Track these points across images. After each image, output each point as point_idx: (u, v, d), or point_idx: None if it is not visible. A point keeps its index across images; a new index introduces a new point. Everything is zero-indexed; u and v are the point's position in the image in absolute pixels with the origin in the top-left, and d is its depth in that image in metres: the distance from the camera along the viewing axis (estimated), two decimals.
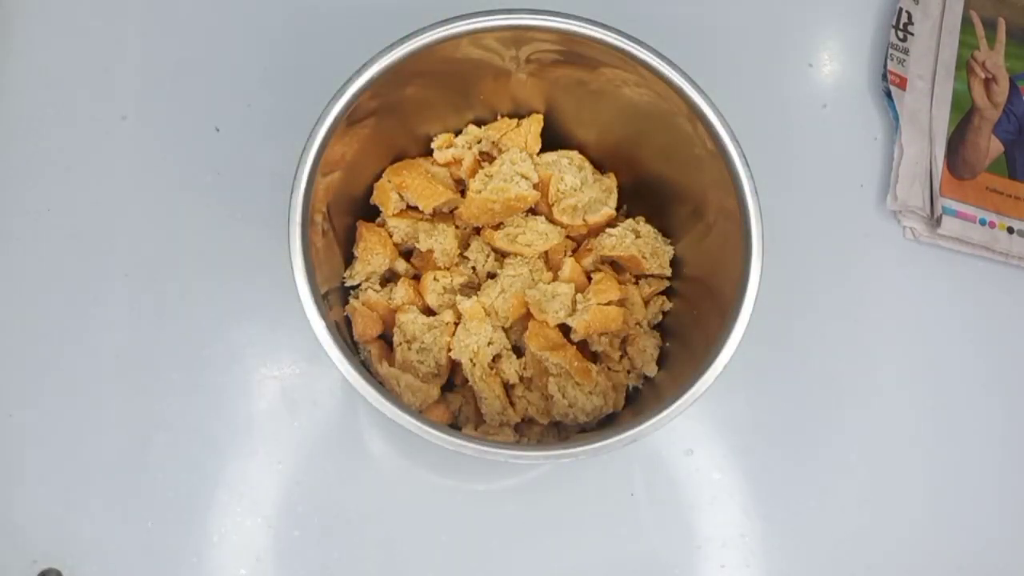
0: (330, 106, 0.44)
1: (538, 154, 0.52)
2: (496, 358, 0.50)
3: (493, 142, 0.52)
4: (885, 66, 0.63)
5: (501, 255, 0.52)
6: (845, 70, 0.64)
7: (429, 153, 0.52)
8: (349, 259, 0.51)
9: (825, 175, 0.62)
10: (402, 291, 0.50)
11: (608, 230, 0.51)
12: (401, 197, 0.51)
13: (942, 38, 0.65)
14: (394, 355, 0.49)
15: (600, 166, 0.53)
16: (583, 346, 0.51)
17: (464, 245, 0.52)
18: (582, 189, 0.51)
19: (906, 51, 0.64)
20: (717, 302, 0.46)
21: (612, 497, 0.54)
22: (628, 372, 0.51)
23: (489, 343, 0.49)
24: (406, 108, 0.49)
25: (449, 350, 0.49)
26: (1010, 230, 0.62)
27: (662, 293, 0.53)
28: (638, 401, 0.51)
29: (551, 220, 0.51)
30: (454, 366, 0.50)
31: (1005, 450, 0.58)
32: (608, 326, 0.49)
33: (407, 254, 0.53)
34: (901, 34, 0.64)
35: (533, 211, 0.52)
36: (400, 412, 0.41)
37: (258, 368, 0.53)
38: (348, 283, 0.51)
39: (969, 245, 0.61)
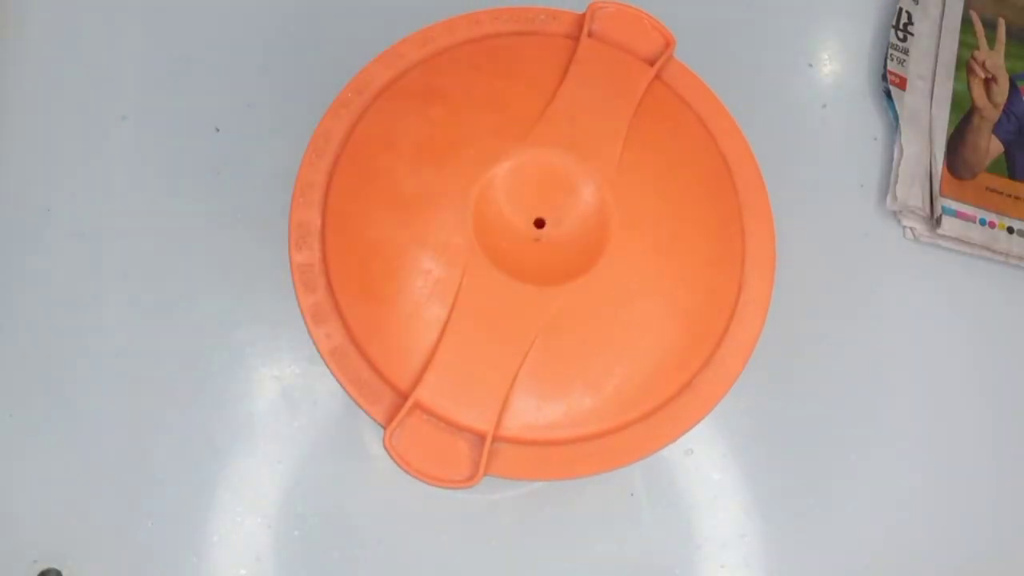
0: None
1: None
2: None
3: None
4: (885, 66, 0.63)
5: None
6: (845, 70, 0.64)
7: None
8: None
9: (825, 175, 0.62)
10: None
11: None
12: None
13: (942, 38, 0.65)
14: None
15: None
16: None
17: None
18: None
19: (906, 51, 0.64)
20: None
21: (612, 497, 0.54)
22: None
23: None
24: None
25: None
26: (1010, 230, 0.62)
27: None
28: None
29: None
30: None
31: (1006, 451, 0.58)
32: None
33: None
34: (901, 34, 0.64)
35: None
36: None
37: (258, 368, 0.53)
38: None
39: (969, 245, 0.61)
